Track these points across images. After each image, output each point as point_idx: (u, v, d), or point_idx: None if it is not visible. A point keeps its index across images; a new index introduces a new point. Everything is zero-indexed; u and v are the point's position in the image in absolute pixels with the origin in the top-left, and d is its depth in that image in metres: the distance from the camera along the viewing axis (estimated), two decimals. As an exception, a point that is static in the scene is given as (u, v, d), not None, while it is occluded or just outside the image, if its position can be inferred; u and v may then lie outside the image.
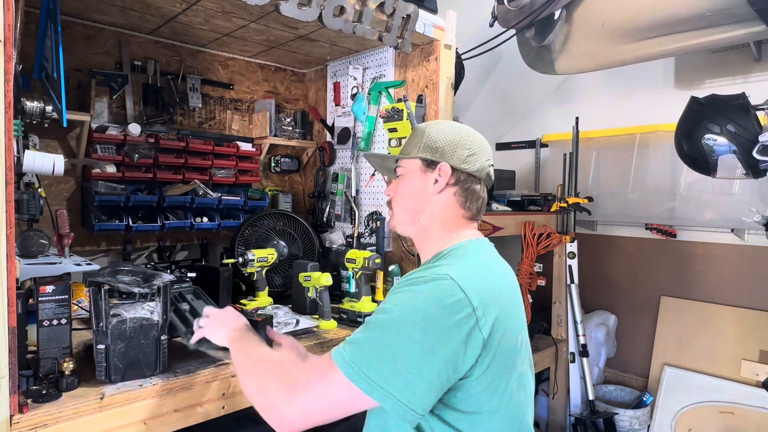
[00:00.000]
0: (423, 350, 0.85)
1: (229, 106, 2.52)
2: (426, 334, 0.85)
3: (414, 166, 1.13)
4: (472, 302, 0.89)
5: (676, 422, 2.79)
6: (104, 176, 1.99)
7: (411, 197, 1.14)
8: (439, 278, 0.92)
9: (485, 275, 0.99)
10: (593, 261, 3.29)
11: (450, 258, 1.03)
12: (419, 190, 1.12)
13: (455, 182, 1.10)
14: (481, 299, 0.91)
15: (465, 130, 1.13)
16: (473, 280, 0.93)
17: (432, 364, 0.85)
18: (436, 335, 0.86)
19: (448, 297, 0.89)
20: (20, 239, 1.29)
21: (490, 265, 1.04)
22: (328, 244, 2.28)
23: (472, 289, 0.91)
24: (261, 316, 1.51)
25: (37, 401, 1.11)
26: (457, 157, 1.10)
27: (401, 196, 1.16)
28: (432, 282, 0.92)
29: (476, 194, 1.12)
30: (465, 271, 0.95)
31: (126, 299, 1.30)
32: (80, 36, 2.04)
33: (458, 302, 0.88)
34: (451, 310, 0.87)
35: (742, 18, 1.95)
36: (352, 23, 1.74)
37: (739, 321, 2.74)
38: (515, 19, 2.45)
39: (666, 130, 2.76)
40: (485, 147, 1.15)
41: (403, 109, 2.06)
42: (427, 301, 0.88)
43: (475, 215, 1.14)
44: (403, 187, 1.15)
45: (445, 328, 0.86)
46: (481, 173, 1.12)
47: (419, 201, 1.12)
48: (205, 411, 1.30)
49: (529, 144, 3.68)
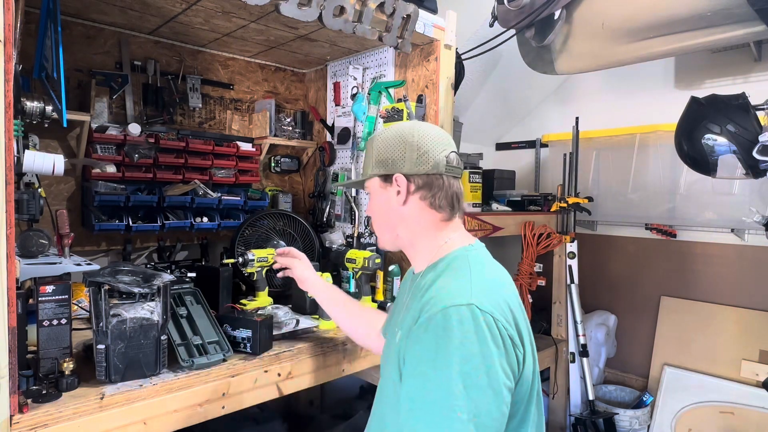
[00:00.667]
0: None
1: (229, 106, 2.52)
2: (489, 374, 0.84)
3: (375, 184, 1.11)
4: (507, 328, 0.88)
5: (676, 422, 2.79)
6: (104, 176, 1.99)
7: (382, 215, 1.12)
8: (459, 307, 0.87)
9: (498, 291, 0.96)
10: (593, 261, 3.29)
11: (449, 273, 0.99)
12: (387, 206, 1.09)
13: (416, 188, 1.06)
14: (505, 318, 0.90)
15: (408, 131, 1.07)
16: (490, 301, 0.90)
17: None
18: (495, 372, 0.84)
19: (490, 328, 0.86)
20: (20, 239, 1.29)
21: (496, 279, 1.01)
22: (328, 244, 2.27)
23: (497, 311, 0.89)
24: (261, 316, 1.51)
25: (37, 401, 1.11)
26: (408, 163, 1.05)
27: (375, 216, 1.15)
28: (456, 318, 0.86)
29: (442, 190, 1.06)
30: (478, 290, 0.91)
31: (126, 299, 1.29)
32: (80, 36, 2.04)
33: (497, 329, 0.87)
34: (495, 341, 0.85)
35: (742, 18, 1.95)
36: (352, 23, 1.74)
37: (739, 321, 2.74)
38: (515, 19, 2.45)
39: (666, 130, 2.76)
40: (437, 138, 1.07)
41: (403, 109, 2.06)
42: (471, 343, 0.84)
43: (452, 211, 1.08)
44: (373, 206, 1.14)
45: (497, 360, 0.85)
46: (438, 168, 1.05)
47: (391, 217, 1.10)
48: (205, 411, 1.30)
49: (529, 144, 3.68)
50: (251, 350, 1.47)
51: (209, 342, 1.41)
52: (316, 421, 2.62)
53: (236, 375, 1.36)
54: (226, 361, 1.41)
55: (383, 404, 1.04)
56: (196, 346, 1.39)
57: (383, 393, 1.06)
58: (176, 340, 1.38)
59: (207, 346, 1.40)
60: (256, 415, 2.29)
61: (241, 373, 1.37)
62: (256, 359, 1.45)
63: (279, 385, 1.46)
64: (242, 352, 1.47)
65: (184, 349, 1.37)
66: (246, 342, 1.47)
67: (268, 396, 1.43)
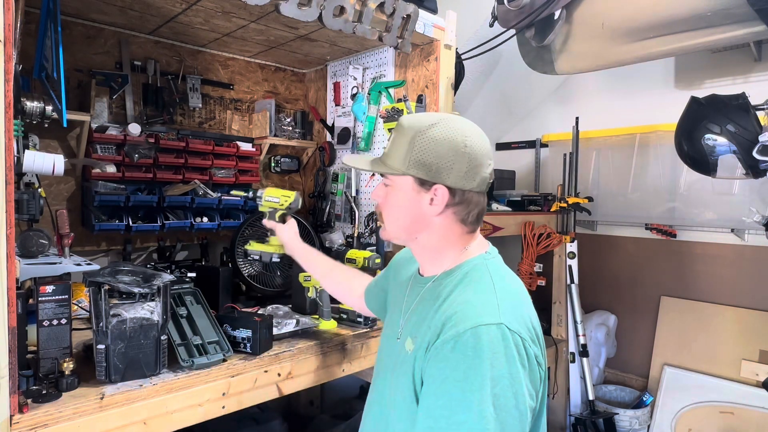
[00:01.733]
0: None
1: (229, 106, 2.52)
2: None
3: (405, 183, 0.97)
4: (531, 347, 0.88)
5: (676, 422, 2.79)
6: (104, 176, 1.99)
7: (405, 214, 1.00)
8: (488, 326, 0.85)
9: (522, 306, 0.94)
10: (593, 261, 3.29)
11: (470, 285, 0.95)
12: (413, 209, 0.98)
13: (455, 203, 0.96)
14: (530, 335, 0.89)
15: (461, 137, 0.94)
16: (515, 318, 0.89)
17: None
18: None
19: (518, 349, 0.85)
20: (20, 239, 1.29)
21: (517, 292, 0.98)
22: (328, 244, 2.28)
23: (522, 328, 0.88)
24: (261, 316, 1.51)
25: (37, 401, 1.10)
26: (454, 176, 0.93)
27: (392, 210, 1.01)
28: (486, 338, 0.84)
29: (478, 207, 0.99)
30: (505, 307, 0.89)
31: (126, 299, 1.29)
32: (80, 36, 2.04)
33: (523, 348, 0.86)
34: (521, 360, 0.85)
35: (742, 18, 1.95)
36: (352, 23, 1.74)
37: (739, 321, 2.74)
38: (515, 19, 2.45)
39: (666, 130, 2.76)
40: (486, 150, 0.97)
41: (403, 109, 2.06)
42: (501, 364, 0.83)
43: (477, 225, 1.02)
44: (394, 201, 1.00)
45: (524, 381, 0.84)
46: (482, 186, 0.97)
47: (415, 221, 0.99)
48: (205, 411, 1.30)
49: (529, 144, 3.68)
50: (251, 350, 1.47)
51: (209, 342, 1.41)
52: (316, 421, 2.62)
53: (236, 375, 1.36)
54: (226, 361, 1.41)
55: (386, 407, 1.00)
56: (196, 346, 1.39)
57: (386, 397, 1.00)
58: (176, 340, 1.38)
59: (207, 346, 1.40)
60: (256, 415, 2.29)
61: (241, 373, 1.37)
62: (256, 359, 1.45)
63: (279, 385, 1.46)
64: (242, 352, 1.47)
65: (184, 349, 1.37)
66: (246, 342, 1.47)
67: (268, 396, 1.43)
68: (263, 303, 1.96)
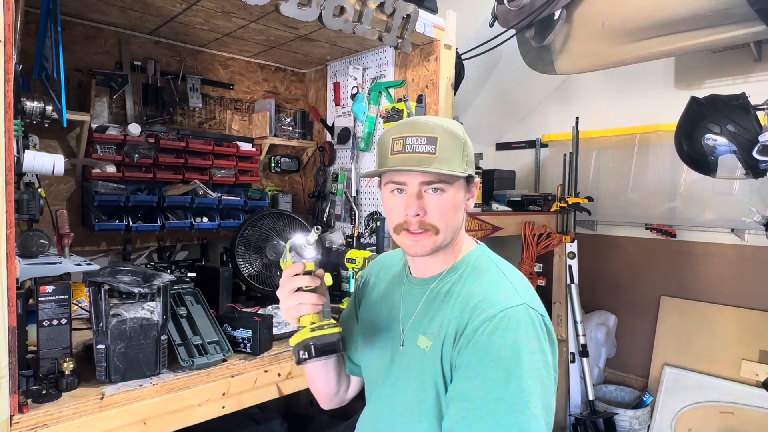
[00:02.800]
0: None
1: (229, 106, 2.52)
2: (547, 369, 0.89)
3: (460, 184, 0.99)
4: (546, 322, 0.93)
5: (676, 422, 2.78)
6: (104, 176, 1.99)
7: (461, 214, 1.01)
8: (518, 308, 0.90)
9: (532, 288, 1.00)
10: (593, 261, 3.29)
11: (482, 276, 0.98)
12: (461, 208, 1.01)
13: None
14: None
15: (460, 128, 1.00)
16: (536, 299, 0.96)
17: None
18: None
19: (541, 326, 0.91)
20: (20, 239, 1.29)
21: (523, 276, 1.03)
22: (328, 244, 2.27)
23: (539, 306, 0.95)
24: (261, 316, 1.52)
25: (37, 401, 1.11)
26: (471, 166, 1.00)
27: (449, 213, 0.97)
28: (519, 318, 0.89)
29: None
30: (522, 290, 0.95)
31: (126, 299, 1.30)
32: (80, 36, 2.04)
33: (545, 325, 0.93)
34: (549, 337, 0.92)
35: (742, 18, 1.95)
36: (352, 23, 1.74)
37: (739, 321, 2.74)
38: (515, 19, 2.45)
39: (666, 130, 2.76)
40: None
41: (403, 109, 2.06)
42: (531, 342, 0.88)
43: None
44: (451, 205, 0.97)
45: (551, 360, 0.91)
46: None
47: (460, 219, 1.01)
48: (205, 411, 1.30)
49: (529, 144, 3.68)
50: (251, 350, 1.47)
51: (209, 342, 1.42)
52: (316, 421, 2.61)
53: (236, 375, 1.36)
54: (226, 361, 1.41)
55: (400, 415, 0.99)
56: (196, 346, 1.39)
57: (399, 402, 1.00)
58: (176, 340, 1.38)
59: (207, 346, 1.40)
60: (256, 415, 2.29)
61: (241, 373, 1.37)
62: (256, 359, 1.45)
63: (279, 385, 1.46)
64: (242, 352, 1.47)
65: (184, 349, 1.37)
66: (246, 342, 1.47)
67: (268, 396, 1.43)
68: (263, 303, 1.96)
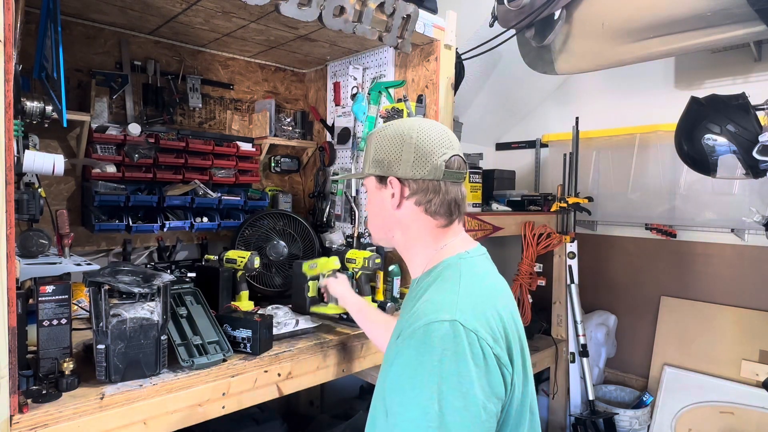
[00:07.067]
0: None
1: (229, 106, 2.52)
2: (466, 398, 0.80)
3: (371, 183, 1.05)
4: (486, 342, 0.83)
5: (676, 422, 2.79)
6: (104, 176, 1.99)
7: (377, 215, 1.07)
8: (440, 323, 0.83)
9: (488, 304, 0.91)
10: (593, 261, 3.29)
11: (438, 283, 0.95)
12: (382, 207, 1.04)
13: (410, 193, 1.00)
14: (493, 334, 0.85)
15: (407, 129, 0.99)
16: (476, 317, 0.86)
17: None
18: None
19: (472, 346, 0.82)
20: (20, 239, 1.29)
21: (487, 292, 0.95)
22: (328, 244, 2.27)
23: (481, 327, 0.84)
24: (261, 316, 1.51)
25: (37, 401, 1.11)
26: (404, 166, 0.98)
27: (370, 214, 1.09)
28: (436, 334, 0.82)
29: (439, 196, 0.99)
30: (465, 304, 0.87)
31: (126, 299, 1.29)
32: (80, 36, 2.04)
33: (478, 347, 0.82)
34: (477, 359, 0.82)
35: (742, 18, 1.95)
36: (352, 23, 1.74)
37: (739, 321, 2.75)
38: (515, 19, 2.45)
39: (666, 130, 2.76)
40: (438, 139, 0.99)
41: (403, 109, 2.06)
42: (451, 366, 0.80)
43: (449, 218, 1.01)
44: (370, 205, 1.08)
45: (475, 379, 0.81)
46: (436, 173, 0.97)
47: (386, 219, 1.04)
48: (205, 411, 1.30)
49: (529, 144, 3.68)
50: (251, 350, 1.47)
51: (209, 342, 1.41)
52: (316, 421, 2.61)
53: (236, 375, 1.36)
54: (226, 361, 1.41)
55: (376, 408, 1.01)
56: (196, 346, 1.39)
57: (376, 395, 1.03)
58: (176, 340, 1.38)
59: (207, 346, 1.40)
60: (256, 415, 2.29)
61: (241, 373, 1.37)
62: (256, 359, 1.45)
63: (279, 385, 1.46)
64: (242, 352, 1.47)
65: (184, 349, 1.37)
66: (246, 342, 1.47)
67: (268, 396, 1.43)
68: (263, 303, 1.96)
